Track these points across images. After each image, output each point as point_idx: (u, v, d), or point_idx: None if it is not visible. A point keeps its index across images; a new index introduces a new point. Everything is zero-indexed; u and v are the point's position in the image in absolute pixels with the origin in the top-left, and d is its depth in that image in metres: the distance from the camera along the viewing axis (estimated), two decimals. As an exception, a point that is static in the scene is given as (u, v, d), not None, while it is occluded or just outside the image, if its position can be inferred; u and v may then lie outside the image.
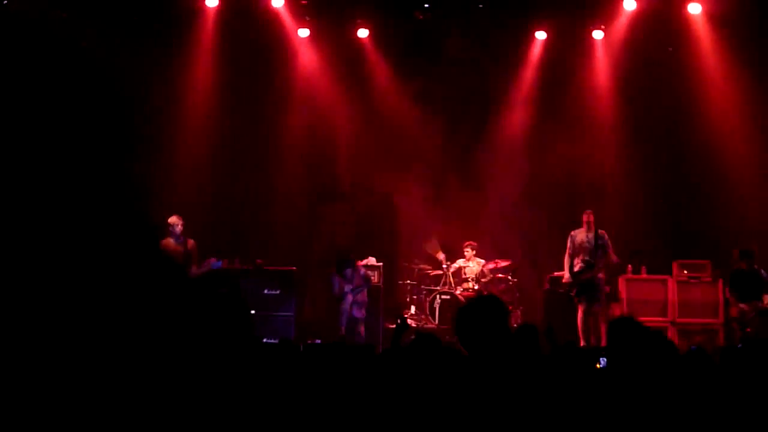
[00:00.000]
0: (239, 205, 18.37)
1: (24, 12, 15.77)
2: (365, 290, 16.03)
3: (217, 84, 18.16)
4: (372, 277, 16.63)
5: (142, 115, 17.42)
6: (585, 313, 15.06)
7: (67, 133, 16.21)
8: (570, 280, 15.31)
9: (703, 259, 16.52)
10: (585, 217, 15.37)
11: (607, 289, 16.01)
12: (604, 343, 15.63)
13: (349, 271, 15.88)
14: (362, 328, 15.93)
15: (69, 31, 16.39)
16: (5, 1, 15.55)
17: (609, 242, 15.32)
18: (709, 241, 17.15)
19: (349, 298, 15.80)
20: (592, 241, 15.13)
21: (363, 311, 16.02)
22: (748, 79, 17.27)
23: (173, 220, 14.84)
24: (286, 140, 18.77)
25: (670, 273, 16.49)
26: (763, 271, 14.90)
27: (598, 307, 15.13)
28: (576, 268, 15.18)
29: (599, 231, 15.26)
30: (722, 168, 17.67)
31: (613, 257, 15.36)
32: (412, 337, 6.27)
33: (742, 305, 14.76)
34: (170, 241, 14.83)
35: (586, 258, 15.11)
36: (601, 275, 15.18)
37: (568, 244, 15.46)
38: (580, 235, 15.33)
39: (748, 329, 14.51)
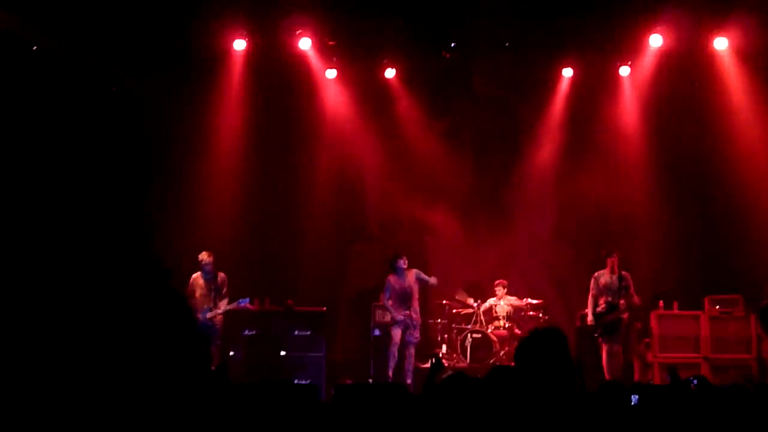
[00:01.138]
0: (269, 245, 18.38)
1: (54, 56, 15.92)
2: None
3: (247, 125, 18.24)
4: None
5: (174, 157, 17.60)
6: (609, 353, 15.07)
7: (99, 178, 16.38)
8: (593, 321, 15.30)
9: (734, 294, 16.41)
10: (609, 260, 15.35)
11: (639, 325, 15.97)
12: (635, 377, 15.67)
13: (400, 263, 15.89)
14: (411, 364, 15.93)
15: (99, 75, 16.57)
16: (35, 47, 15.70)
17: (631, 284, 15.29)
18: (741, 275, 17.01)
19: (397, 335, 15.80)
20: (616, 283, 15.13)
21: (416, 334, 16.07)
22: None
23: (203, 256, 15.17)
24: (316, 180, 18.84)
25: (702, 308, 16.39)
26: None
27: (619, 347, 15.12)
28: (599, 309, 15.18)
29: (623, 273, 15.24)
30: (751, 202, 17.59)
31: (636, 299, 15.33)
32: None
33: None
34: (199, 276, 15.15)
35: (609, 299, 15.11)
36: (624, 316, 15.16)
37: (592, 285, 15.44)
38: (604, 276, 15.31)
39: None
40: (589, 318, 15.41)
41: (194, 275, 15.17)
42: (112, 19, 15.75)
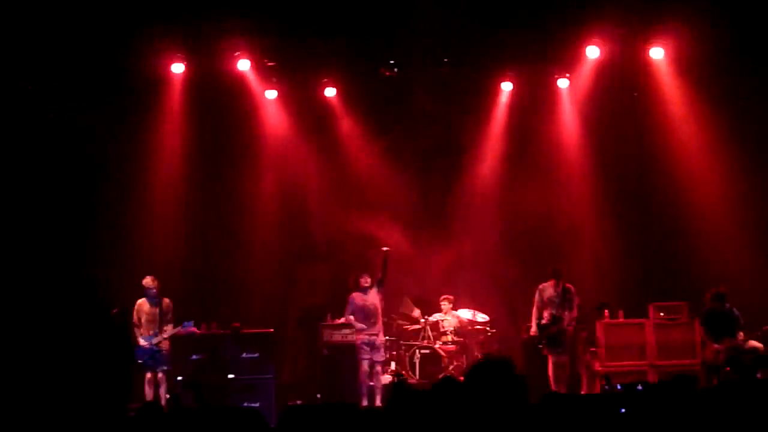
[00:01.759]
0: (215, 268, 18.32)
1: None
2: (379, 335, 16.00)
3: (187, 149, 18.19)
4: (350, 336, 16.58)
5: (114, 182, 17.48)
6: (555, 364, 15.16)
7: (38, 206, 16.23)
8: (536, 332, 15.39)
9: (678, 301, 16.57)
10: (553, 272, 15.45)
11: (584, 335, 16.07)
12: (583, 388, 15.77)
13: (362, 281, 15.91)
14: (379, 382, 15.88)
15: (36, 103, 16.43)
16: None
17: (575, 297, 15.39)
18: (684, 282, 17.23)
19: (365, 362, 15.70)
20: (561, 296, 15.22)
21: (381, 352, 15.99)
22: (712, 119, 17.45)
23: (147, 281, 15.09)
24: (260, 201, 18.81)
25: (646, 316, 16.52)
26: (735, 310, 14.98)
27: (565, 358, 15.21)
28: (544, 321, 15.27)
29: (567, 285, 15.33)
30: (692, 210, 17.83)
31: (575, 312, 15.45)
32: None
33: (716, 346, 14.82)
34: (144, 302, 15.06)
35: (553, 312, 15.20)
36: (569, 328, 15.27)
37: (536, 297, 15.52)
38: (549, 289, 15.40)
39: (727, 368, 14.55)
40: (533, 329, 15.49)
41: (139, 301, 15.06)
42: (49, 46, 15.64)
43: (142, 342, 14.83)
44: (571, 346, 15.52)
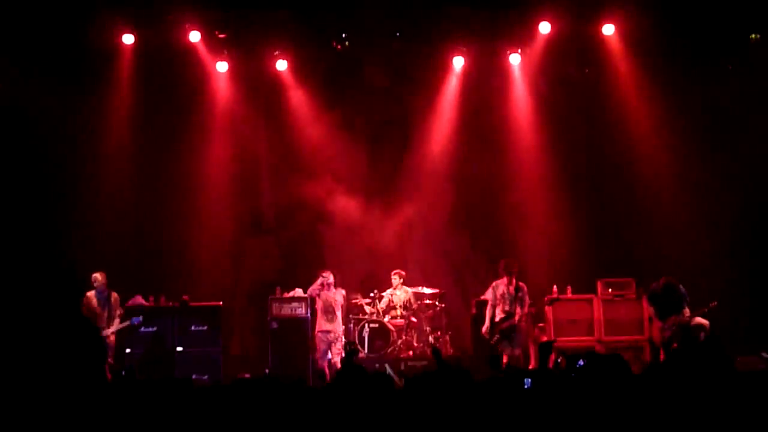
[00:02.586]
0: (163, 241, 18.17)
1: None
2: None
3: (137, 120, 18.02)
4: (298, 310, 16.65)
5: (60, 155, 17.23)
6: (510, 357, 15.22)
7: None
8: (489, 329, 15.43)
9: (626, 277, 16.68)
10: (505, 270, 15.47)
11: (533, 310, 16.13)
12: (531, 363, 15.85)
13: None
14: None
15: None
16: None
17: (527, 294, 15.43)
18: (632, 259, 17.35)
19: (324, 353, 15.88)
20: (513, 293, 15.27)
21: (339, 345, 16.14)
22: (663, 97, 17.55)
23: (96, 276, 14.95)
24: (209, 175, 18.67)
25: (595, 292, 16.63)
26: (680, 286, 15.06)
27: (518, 351, 15.29)
28: (497, 318, 15.31)
29: (519, 283, 15.36)
30: (641, 187, 17.93)
31: (526, 309, 15.52)
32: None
33: (661, 322, 14.91)
34: (92, 295, 14.91)
35: (506, 308, 15.25)
36: (521, 324, 15.32)
37: (490, 294, 15.55)
38: (502, 286, 15.43)
39: (675, 345, 14.65)
40: (486, 326, 15.49)
41: (88, 293, 14.90)
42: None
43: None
44: (523, 340, 15.58)
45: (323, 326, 16.10)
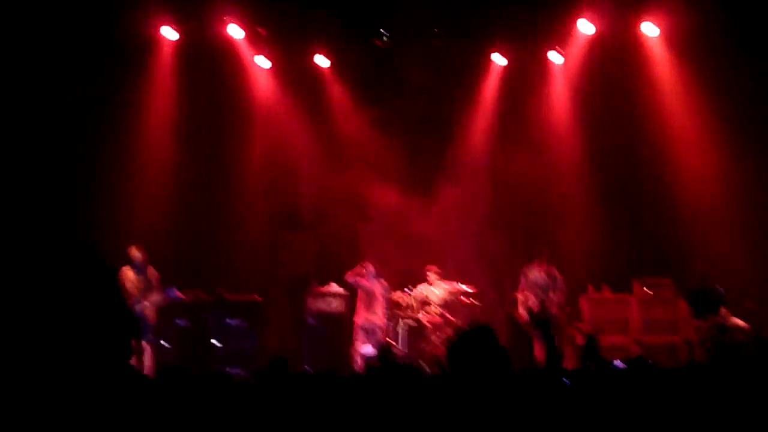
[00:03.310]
0: (201, 235, 18.26)
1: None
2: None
3: (177, 114, 18.11)
4: (335, 305, 16.71)
5: (104, 148, 17.33)
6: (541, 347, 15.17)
7: (26, 172, 16.13)
8: (526, 318, 15.37)
9: (663, 276, 16.61)
10: (539, 258, 15.44)
11: (568, 309, 16.09)
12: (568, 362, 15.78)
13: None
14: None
15: (24, 68, 16.28)
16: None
17: (560, 280, 15.39)
18: (671, 259, 17.24)
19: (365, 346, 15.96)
20: (545, 279, 15.21)
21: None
22: (705, 97, 17.40)
23: (133, 251, 14.85)
24: (248, 170, 18.79)
25: (631, 291, 16.57)
26: (718, 286, 14.99)
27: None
28: (530, 304, 15.25)
29: (550, 268, 15.31)
30: (680, 187, 17.78)
31: (560, 295, 15.46)
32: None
33: (699, 323, 14.84)
34: (130, 272, 14.84)
35: (540, 294, 15.19)
36: (555, 311, 15.26)
37: (521, 280, 15.50)
38: (533, 272, 15.38)
39: (709, 345, 14.59)
40: (522, 314, 15.43)
41: (123, 268, 14.93)
42: (36, 10, 15.52)
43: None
44: (558, 331, 15.51)
45: (363, 315, 16.15)
